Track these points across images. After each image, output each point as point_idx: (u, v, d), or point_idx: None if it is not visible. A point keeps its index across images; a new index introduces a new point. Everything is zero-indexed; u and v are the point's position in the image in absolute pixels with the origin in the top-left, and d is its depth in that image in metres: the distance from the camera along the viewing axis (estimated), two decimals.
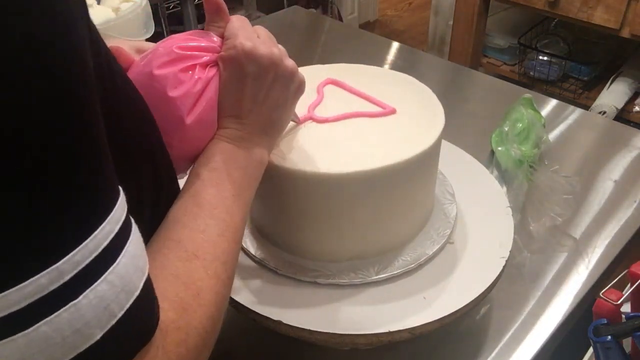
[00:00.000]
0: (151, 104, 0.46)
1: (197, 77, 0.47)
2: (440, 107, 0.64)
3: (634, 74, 2.00)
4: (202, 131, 0.48)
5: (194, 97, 0.47)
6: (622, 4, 1.72)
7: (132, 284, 0.31)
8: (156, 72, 0.46)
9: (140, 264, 0.33)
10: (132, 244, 0.32)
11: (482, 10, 2.09)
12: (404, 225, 0.64)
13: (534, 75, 2.16)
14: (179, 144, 0.47)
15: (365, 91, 0.66)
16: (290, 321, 0.57)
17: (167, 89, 0.46)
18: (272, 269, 0.62)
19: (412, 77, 0.70)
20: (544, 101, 1.13)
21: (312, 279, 0.61)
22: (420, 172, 0.60)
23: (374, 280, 0.61)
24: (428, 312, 0.58)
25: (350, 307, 0.59)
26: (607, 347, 0.59)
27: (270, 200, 0.61)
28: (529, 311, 0.72)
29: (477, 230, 0.68)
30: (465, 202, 0.71)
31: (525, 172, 0.87)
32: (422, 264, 0.63)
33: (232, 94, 0.48)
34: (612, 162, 0.97)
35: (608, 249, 0.80)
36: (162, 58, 0.46)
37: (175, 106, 0.46)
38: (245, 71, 0.48)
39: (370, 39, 1.44)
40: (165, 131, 0.46)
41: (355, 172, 0.56)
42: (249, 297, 0.60)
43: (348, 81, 0.68)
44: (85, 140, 0.29)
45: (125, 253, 0.31)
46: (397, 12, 3.37)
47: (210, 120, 0.48)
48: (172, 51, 0.47)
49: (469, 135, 1.01)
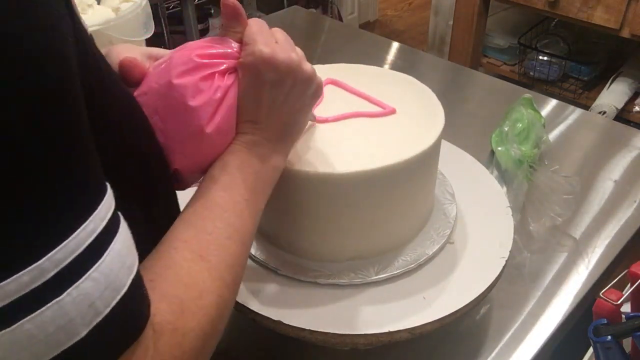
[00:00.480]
0: (168, 113, 0.46)
1: (217, 85, 0.46)
2: (440, 107, 0.64)
3: (634, 74, 2.00)
4: (220, 139, 0.48)
5: (214, 105, 0.46)
6: (622, 4, 1.72)
7: (119, 281, 0.31)
8: (175, 82, 0.45)
9: (128, 262, 0.32)
10: (118, 242, 0.32)
11: (482, 10, 2.09)
12: (404, 225, 0.64)
13: (534, 75, 2.16)
14: (194, 152, 0.47)
15: (365, 91, 0.66)
16: (290, 321, 0.57)
17: (187, 99, 0.45)
18: (271, 268, 0.62)
19: (412, 77, 0.70)
20: (544, 101, 1.13)
21: (312, 279, 0.61)
22: (420, 172, 0.60)
23: (374, 281, 0.61)
24: (428, 312, 0.58)
25: (350, 307, 0.59)
26: (607, 347, 0.59)
27: (270, 200, 0.61)
28: (529, 311, 0.72)
29: (477, 230, 0.68)
30: (465, 202, 0.71)
31: (525, 172, 0.87)
32: (422, 264, 0.63)
33: (250, 100, 0.48)
34: (612, 162, 0.97)
35: (608, 249, 0.80)
36: (181, 67, 0.46)
37: (197, 116, 0.45)
38: (264, 78, 0.47)
39: (370, 39, 1.44)
40: (181, 140, 0.46)
41: (356, 172, 0.56)
42: (249, 297, 0.60)
43: (348, 81, 0.68)
44: (67, 137, 0.29)
45: (110, 251, 0.31)
46: (397, 12, 3.37)
47: (230, 127, 0.48)
48: (191, 59, 0.46)
49: (469, 135, 1.01)
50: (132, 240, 0.34)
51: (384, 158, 0.56)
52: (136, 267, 0.33)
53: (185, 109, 0.45)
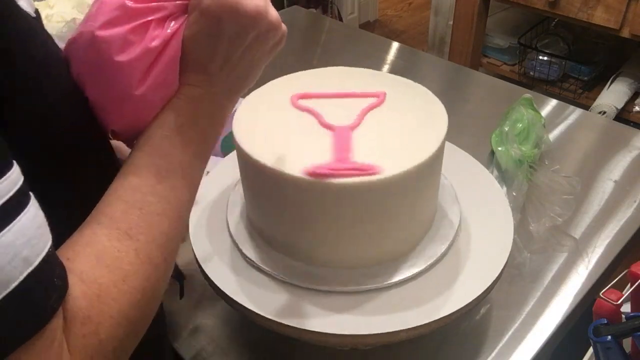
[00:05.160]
0: (94, 69, 0.40)
1: (154, 35, 0.40)
2: (443, 109, 0.64)
3: (634, 74, 2.00)
4: (156, 96, 0.41)
5: (147, 60, 0.40)
6: (622, 4, 1.72)
7: (6, 270, 0.29)
8: (99, 34, 0.39)
9: (24, 254, 0.30)
10: (15, 229, 0.29)
11: (482, 10, 2.09)
12: (407, 233, 0.63)
13: (534, 75, 2.16)
14: (126, 113, 0.42)
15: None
16: (290, 321, 0.57)
17: (113, 54, 0.39)
18: (271, 274, 0.62)
19: (425, 89, 0.68)
20: (544, 101, 1.13)
21: (315, 287, 0.60)
22: (423, 180, 0.60)
23: (377, 288, 0.60)
24: (428, 312, 0.58)
25: (350, 307, 0.59)
26: (607, 347, 0.59)
27: (271, 204, 0.61)
28: (529, 311, 0.72)
29: (477, 230, 0.68)
30: (465, 203, 0.71)
31: (525, 172, 0.87)
32: (425, 270, 0.63)
33: (202, 50, 0.42)
34: (612, 162, 0.97)
35: (608, 249, 0.80)
36: (109, 14, 0.39)
37: (125, 74, 0.39)
38: (223, 28, 0.41)
39: (370, 39, 1.44)
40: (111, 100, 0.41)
41: (361, 182, 0.55)
42: (248, 297, 0.59)
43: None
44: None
45: (8, 231, 0.29)
46: (397, 12, 3.37)
47: (170, 82, 0.42)
48: (122, 4, 0.39)
49: (469, 135, 1.01)
50: (42, 225, 0.31)
51: (392, 167, 0.55)
52: (42, 255, 0.31)
53: (112, 65, 0.39)
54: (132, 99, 0.41)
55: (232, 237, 0.66)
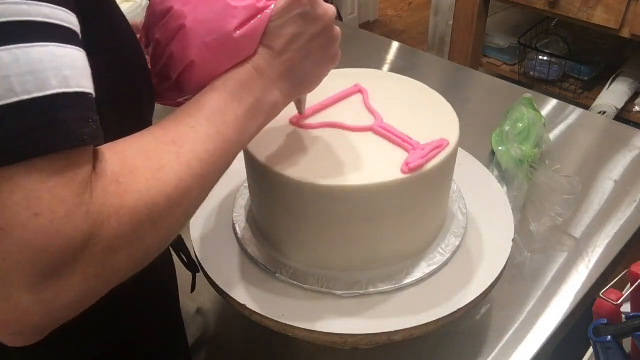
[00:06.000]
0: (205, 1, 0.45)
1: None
2: (453, 111, 0.64)
3: (634, 74, 2.00)
4: (241, 47, 0.46)
5: (251, 13, 0.45)
6: (622, 4, 1.72)
7: (45, 75, 0.29)
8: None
9: (66, 73, 0.30)
10: (63, 50, 0.30)
11: (482, 10, 2.09)
12: (418, 237, 0.63)
13: (534, 75, 2.16)
14: (214, 50, 0.46)
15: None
16: (291, 321, 0.57)
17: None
18: (273, 274, 0.62)
19: (436, 94, 0.68)
20: (544, 101, 1.13)
21: (317, 288, 0.60)
22: (439, 181, 0.60)
23: (378, 292, 0.60)
24: (428, 312, 0.58)
25: (351, 307, 0.59)
26: (607, 347, 0.59)
27: (276, 206, 0.61)
28: (529, 311, 0.72)
29: (477, 230, 0.68)
30: (465, 202, 0.71)
31: (525, 172, 0.87)
32: (430, 274, 0.63)
33: (276, 25, 0.46)
34: (612, 162, 0.97)
35: (608, 249, 0.80)
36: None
37: (232, 14, 0.45)
38: (301, 5, 0.46)
39: (370, 39, 1.44)
40: (206, 32, 0.45)
41: (382, 183, 0.54)
42: (249, 297, 0.60)
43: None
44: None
45: (47, 48, 0.30)
46: (397, 12, 3.37)
47: (254, 41, 0.46)
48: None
49: (469, 135, 1.00)
50: (85, 69, 0.32)
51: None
52: (84, 88, 0.31)
53: (223, 4, 0.45)
54: (228, 39, 0.45)
55: (238, 237, 0.66)
